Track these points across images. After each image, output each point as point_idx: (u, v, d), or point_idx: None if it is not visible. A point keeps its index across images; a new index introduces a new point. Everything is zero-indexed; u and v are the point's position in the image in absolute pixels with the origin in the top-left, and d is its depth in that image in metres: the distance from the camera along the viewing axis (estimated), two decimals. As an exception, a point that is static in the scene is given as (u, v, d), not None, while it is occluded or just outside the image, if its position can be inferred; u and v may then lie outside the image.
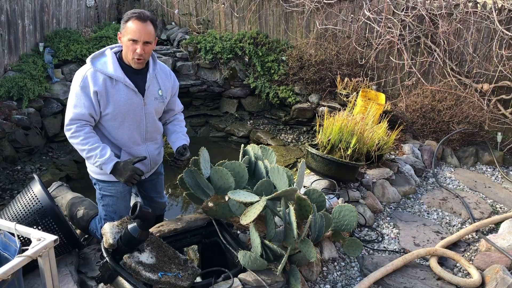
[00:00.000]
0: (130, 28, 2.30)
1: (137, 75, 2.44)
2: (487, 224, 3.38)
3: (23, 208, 2.39)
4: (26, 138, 4.85)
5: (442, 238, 3.27)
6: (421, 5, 5.17)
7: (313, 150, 3.55)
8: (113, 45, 2.49)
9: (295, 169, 4.89)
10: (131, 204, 2.57)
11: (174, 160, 2.52)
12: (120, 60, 2.42)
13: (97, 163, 2.33)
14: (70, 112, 2.35)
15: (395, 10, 5.37)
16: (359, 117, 3.84)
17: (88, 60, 2.38)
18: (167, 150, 4.00)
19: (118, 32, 2.39)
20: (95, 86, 2.32)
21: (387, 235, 3.31)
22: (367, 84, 5.47)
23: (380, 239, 3.25)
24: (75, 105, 2.34)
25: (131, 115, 2.45)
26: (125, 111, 2.42)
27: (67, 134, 2.36)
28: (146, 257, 2.06)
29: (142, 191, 2.89)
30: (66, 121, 2.36)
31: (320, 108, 5.70)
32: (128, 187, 2.66)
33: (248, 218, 2.25)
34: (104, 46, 5.88)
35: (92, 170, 2.57)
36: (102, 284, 2.11)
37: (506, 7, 4.79)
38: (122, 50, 2.43)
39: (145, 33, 2.31)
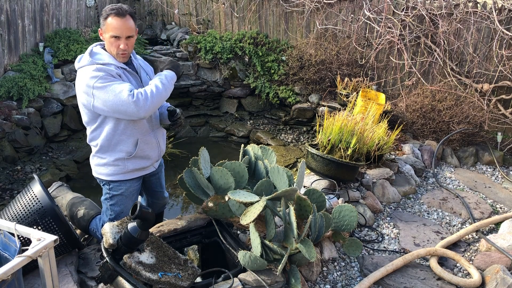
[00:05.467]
0: (110, 25, 2.32)
1: (127, 65, 2.50)
2: (487, 224, 3.37)
3: (23, 208, 2.39)
4: (26, 138, 4.85)
5: (442, 238, 3.27)
6: (421, 5, 5.17)
7: (313, 150, 3.55)
8: (95, 44, 2.49)
9: (295, 169, 4.89)
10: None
11: (172, 122, 2.61)
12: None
13: (173, 80, 2.46)
14: (118, 89, 2.23)
15: (395, 10, 5.37)
16: (359, 117, 3.84)
17: (86, 58, 2.35)
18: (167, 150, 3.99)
19: (99, 29, 2.42)
20: (115, 70, 2.34)
21: (387, 235, 3.31)
22: (367, 84, 5.47)
23: (380, 239, 3.25)
24: (115, 84, 2.25)
25: None
26: None
27: (138, 105, 2.22)
28: (146, 257, 2.06)
29: (148, 188, 2.88)
30: (124, 97, 2.21)
31: (320, 108, 5.70)
32: (137, 186, 2.66)
33: (248, 218, 2.25)
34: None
35: (103, 172, 2.55)
36: (102, 284, 2.11)
37: (506, 7, 4.79)
38: (104, 46, 2.46)
39: (126, 29, 2.34)
